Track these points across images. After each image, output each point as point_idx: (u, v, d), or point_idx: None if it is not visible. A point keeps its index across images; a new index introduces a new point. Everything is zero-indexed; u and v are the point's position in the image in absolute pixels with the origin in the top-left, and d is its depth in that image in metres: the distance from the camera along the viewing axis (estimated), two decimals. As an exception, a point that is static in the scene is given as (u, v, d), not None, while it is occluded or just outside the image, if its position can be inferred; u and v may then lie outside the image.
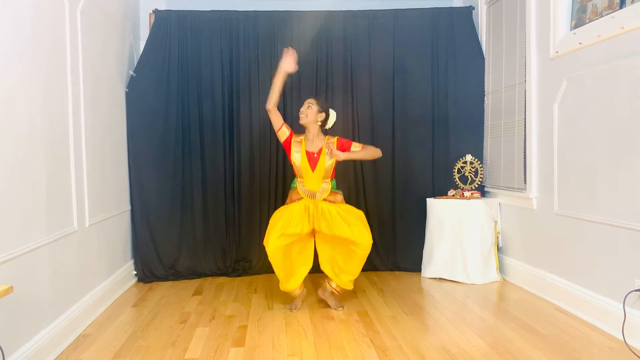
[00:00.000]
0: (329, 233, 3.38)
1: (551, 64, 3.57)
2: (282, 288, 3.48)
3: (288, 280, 3.42)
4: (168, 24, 4.46)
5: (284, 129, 3.49)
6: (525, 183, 3.91)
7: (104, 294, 3.59)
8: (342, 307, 3.51)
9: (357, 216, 3.43)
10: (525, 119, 3.90)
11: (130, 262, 4.38)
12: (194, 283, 4.31)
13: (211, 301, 3.76)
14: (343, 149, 3.46)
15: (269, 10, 4.59)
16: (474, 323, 3.17)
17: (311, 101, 3.50)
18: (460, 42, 4.59)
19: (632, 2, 2.85)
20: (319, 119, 3.48)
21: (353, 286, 3.53)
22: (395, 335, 2.98)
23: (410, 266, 4.55)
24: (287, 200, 3.55)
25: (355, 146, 3.48)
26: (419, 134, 4.62)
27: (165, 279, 4.39)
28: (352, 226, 3.34)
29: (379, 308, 3.51)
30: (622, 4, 2.95)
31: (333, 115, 3.55)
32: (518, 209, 4.06)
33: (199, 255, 4.54)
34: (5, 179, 2.33)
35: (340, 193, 3.56)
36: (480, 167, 4.40)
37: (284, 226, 3.33)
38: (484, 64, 4.56)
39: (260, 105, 4.51)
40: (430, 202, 4.37)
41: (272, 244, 3.28)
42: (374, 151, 3.55)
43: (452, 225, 4.22)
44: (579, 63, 3.26)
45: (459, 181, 4.50)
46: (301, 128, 3.56)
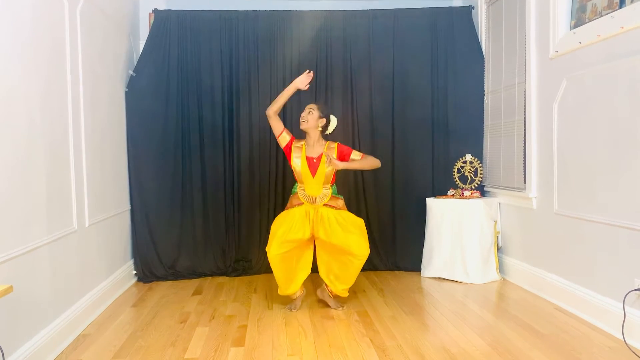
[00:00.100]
0: (326, 240, 3.36)
1: (551, 63, 3.57)
2: (281, 293, 3.48)
3: (288, 286, 3.42)
4: (168, 23, 4.46)
5: (284, 134, 3.47)
6: (525, 183, 3.91)
7: (103, 294, 3.59)
8: (342, 307, 3.51)
9: (356, 225, 3.40)
10: (525, 118, 3.91)
11: (130, 262, 4.38)
12: (193, 283, 4.31)
13: (211, 301, 3.76)
14: (343, 156, 3.44)
15: (268, 10, 4.59)
16: (474, 323, 3.17)
17: (312, 106, 3.47)
18: (460, 42, 4.59)
19: (632, 2, 2.85)
20: (320, 125, 3.46)
21: (348, 294, 3.53)
22: (395, 335, 2.98)
23: (410, 266, 4.55)
24: (288, 205, 3.54)
25: (356, 154, 3.45)
26: (419, 134, 4.62)
27: (165, 278, 4.39)
28: (350, 235, 3.32)
29: (379, 308, 3.51)
30: (622, 3, 2.95)
31: (334, 120, 3.53)
32: (518, 209, 4.06)
33: (198, 255, 4.54)
34: (5, 179, 2.33)
35: (341, 198, 3.54)
36: (480, 167, 4.40)
37: (285, 232, 3.32)
38: (484, 63, 4.56)
39: (260, 104, 4.52)
40: (430, 202, 4.37)
41: (273, 251, 3.28)
42: (373, 161, 3.48)
43: (452, 225, 4.22)
44: (578, 63, 3.26)
45: (458, 181, 4.50)
46: (301, 132, 3.54)
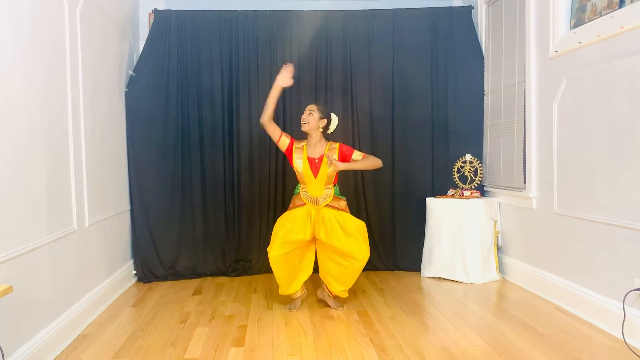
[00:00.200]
0: (327, 242, 3.36)
1: (550, 63, 3.57)
2: (282, 293, 3.48)
3: (288, 286, 3.43)
4: (167, 23, 4.46)
5: (283, 138, 3.45)
6: (524, 182, 3.91)
7: (103, 294, 3.59)
8: (342, 307, 3.51)
9: (357, 227, 3.39)
10: (524, 118, 3.90)
11: (130, 262, 4.38)
12: (193, 283, 4.31)
13: (211, 301, 3.76)
14: (344, 157, 3.43)
15: (268, 10, 4.59)
16: (474, 322, 3.17)
17: (312, 107, 3.45)
18: (460, 42, 4.59)
19: (632, 2, 2.85)
20: (321, 125, 3.45)
21: (347, 294, 3.53)
22: (395, 334, 2.98)
23: (410, 266, 4.55)
24: (290, 206, 3.54)
25: (357, 154, 3.44)
26: (419, 134, 4.62)
27: (165, 278, 4.39)
28: (350, 238, 3.32)
29: (379, 308, 3.51)
30: (622, 3, 2.95)
31: (335, 119, 3.52)
32: (517, 209, 4.06)
33: (198, 255, 4.54)
34: (5, 179, 2.33)
35: (344, 199, 3.53)
36: (479, 167, 4.40)
37: (287, 234, 3.33)
38: (484, 63, 4.56)
39: (259, 104, 4.50)
40: (430, 202, 4.37)
41: (274, 252, 3.29)
42: (374, 161, 3.47)
43: (452, 225, 4.22)
44: (578, 62, 3.26)
45: (458, 181, 4.50)
46: (301, 133, 3.53)
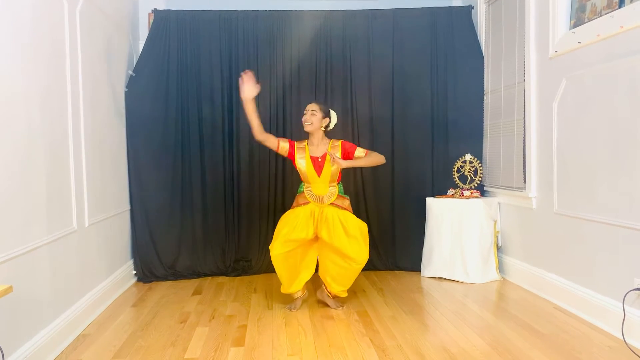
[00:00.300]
0: (328, 242, 3.36)
1: (550, 63, 3.57)
2: (284, 291, 3.49)
3: (291, 284, 3.44)
4: (167, 23, 4.45)
5: (281, 144, 3.43)
6: (524, 182, 3.92)
7: (103, 294, 3.59)
8: (342, 307, 3.52)
9: (359, 229, 3.39)
10: (524, 118, 3.91)
11: (130, 262, 4.38)
12: (193, 283, 4.31)
13: (211, 301, 3.76)
14: (347, 154, 3.43)
15: (268, 10, 4.59)
16: (474, 322, 3.17)
17: (314, 107, 3.44)
18: (460, 42, 4.59)
19: (631, 2, 2.85)
20: (323, 124, 3.46)
21: (347, 294, 3.53)
22: (395, 334, 2.98)
23: (410, 266, 4.55)
24: (294, 204, 3.54)
25: (360, 151, 3.44)
26: (418, 134, 4.62)
27: (165, 278, 4.39)
28: (351, 239, 3.32)
29: (379, 307, 3.51)
30: (621, 3, 2.95)
31: (334, 116, 3.53)
32: (517, 209, 4.06)
33: (198, 255, 4.54)
34: (5, 179, 2.33)
35: (348, 198, 3.54)
36: (479, 167, 4.40)
37: (289, 232, 3.33)
38: (483, 63, 4.56)
39: (259, 104, 4.48)
40: (430, 202, 4.37)
41: (276, 250, 3.30)
42: (377, 158, 3.46)
43: (452, 225, 4.22)
44: (578, 62, 3.26)
45: (458, 180, 4.50)
46: (302, 133, 3.53)
